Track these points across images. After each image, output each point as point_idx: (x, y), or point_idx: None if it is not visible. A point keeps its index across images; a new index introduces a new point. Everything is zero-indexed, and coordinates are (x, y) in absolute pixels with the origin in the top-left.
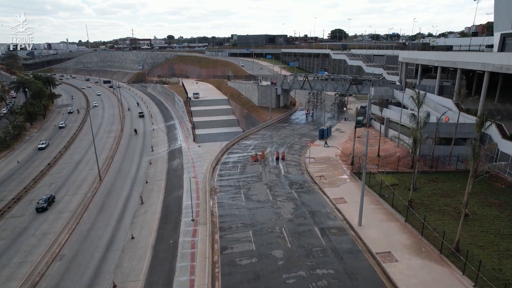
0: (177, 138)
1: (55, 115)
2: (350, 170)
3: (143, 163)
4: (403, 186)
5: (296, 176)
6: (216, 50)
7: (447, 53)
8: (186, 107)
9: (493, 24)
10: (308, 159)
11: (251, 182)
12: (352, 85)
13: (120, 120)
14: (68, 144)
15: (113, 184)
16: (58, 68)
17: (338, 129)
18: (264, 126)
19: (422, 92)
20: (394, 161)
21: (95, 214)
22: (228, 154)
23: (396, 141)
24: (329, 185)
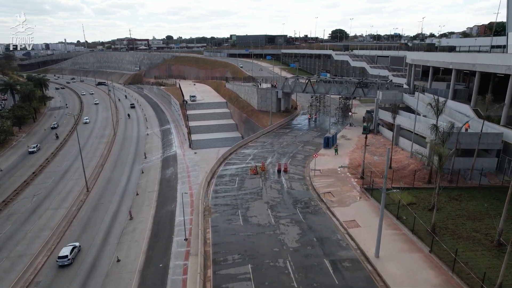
0: (172, 144)
1: (46, 118)
2: (360, 185)
3: (134, 171)
4: (422, 205)
5: (301, 192)
6: (214, 51)
7: (465, 55)
8: (182, 111)
9: (506, 24)
10: (313, 171)
11: (250, 200)
12: (358, 88)
13: (113, 124)
14: (57, 150)
15: (101, 196)
16: (54, 69)
17: (343, 136)
18: (264, 132)
19: (442, 99)
20: (408, 174)
21: (79, 231)
22: (224, 166)
23: (417, 156)
24: (338, 204)
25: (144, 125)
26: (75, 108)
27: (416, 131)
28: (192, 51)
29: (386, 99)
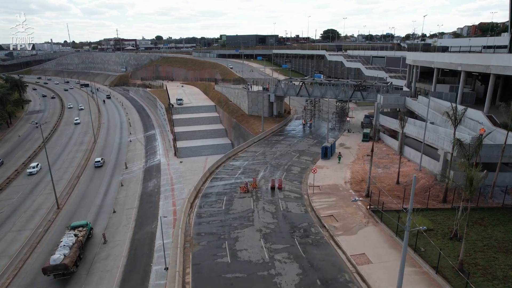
0: (156, 152)
1: (23, 122)
2: (366, 206)
3: (113, 184)
4: (441, 232)
5: (298, 216)
6: (203, 51)
7: (477, 55)
8: (168, 115)
9: (509, 24)
10: (311, 187)
11: (240, 227)
12: (356, 91)
13: (93, 130)
14: (29, 160)
15: (74, 214)
16: (37, 70)
17: (342, 143)
18: (255, 140)
19: (461, 107)
20: (418, 190)
21: (43, 259)
22: (211, 181)
23: (428, 169)
24: (343, 231)
25: (128, 130)
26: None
27: (426, 141)
28: (180, 51)
29: (388, 103)
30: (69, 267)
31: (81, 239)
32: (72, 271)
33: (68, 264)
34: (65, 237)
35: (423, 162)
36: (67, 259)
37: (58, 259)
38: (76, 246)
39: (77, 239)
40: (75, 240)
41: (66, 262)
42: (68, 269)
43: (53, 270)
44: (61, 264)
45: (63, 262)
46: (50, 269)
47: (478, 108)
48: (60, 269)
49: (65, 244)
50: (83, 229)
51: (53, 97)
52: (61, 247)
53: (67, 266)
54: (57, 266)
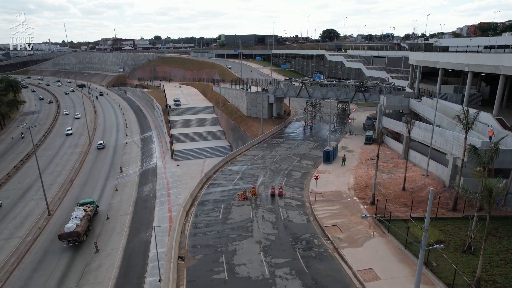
0: (153, 155)
1: (17, 124)
2: (372, 214)
3: (107, 189)
4: (453, 244)
5: (300, 225)
6: (202, 51)
7: (486, 55)
8: (165, 116)
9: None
10: (313, 194)
11: (238, 238)
12: (358, 92)
13: (88, 132)
14: (21, 163)
15: (66, 220)
16: (34, 70)
17: (344, 146)
18: (254, 143)
19: (473, 111)
20: (425, 197)
21: (30, 270)
22: (208, 187)
23: (435, 175)
24: (348, 243)
25: (124, 132)
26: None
27: (433, 145)
28: (178, 51)
29: (391, 105)
30: (81, 234)
31: (90, 213)
32: (83, 239)
33: (80, 231)
34: (76, 211)
35: (430, 167)
36: (79, 228)
37: (71, 227)
38: (86, 219)
39: (86, 213)
40: (84, 214)
41: (79, 230)
42: (80, 236)
43: (67, 237)
44: (74, 232)
45: (76, 230)
46: (64, 236)
47: (484, 110)
48: (73, 236)
49: (76, 216)
50: (91, 206)
51: (50, 101)
52: (73, 218)
53: (79, 233)
54: (71, 233)
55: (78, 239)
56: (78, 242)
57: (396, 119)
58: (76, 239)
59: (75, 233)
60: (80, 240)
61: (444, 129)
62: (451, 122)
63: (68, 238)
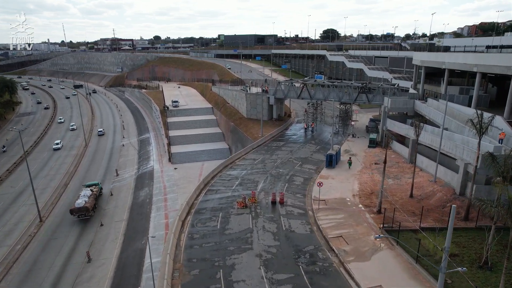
0: (150, 157)
1: (13, 125)
2: (379, 224)
3: (102, 193)
4: (467, 258)
5: (303, 236)
6: (201, 51)
7: (496, 55)
8: (163, 118)
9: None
10: (316, 201)
11: (237, 251)
12: (361, 93)
13: (84, 134)
14: (15, 166)
15: (57, 228)
16: (32, 70)
17: (347, 150)
18: (254, 146)
19: (486, 115)
20: (435, 205)
21: (18, 282)
22: (205, 194)
23: (444, 181)
24: (355, 257)
25: (121, 133)
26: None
27: (441, 149)
28: (177, 51)
29: (396, 107)
30: (89, 209)
31: (95, 192)
32: (91, 214)
33: (89, 207)
34: (83, 191)
35: (438, 172)
36: (88, 204)
37: (81, 203)
38: (93, 197)
39: (93, 193)
40: (91, 193)
41: (87, 205)
42: (88, 211)
43: (78, 211)
44: (84, 207)
45: (85, 205)
46: (75, 211)
47: (493, 112)
48: (83, 210)
49: (84, 195)
50: (96, 187)
51: (46, 107)
52: (82, 196)
53: (88, 208)
54: (81, 208)
55: (87, 214)
56: (87, 216)
57: (400, 121)
58: (85, 214)
59: (84, 208)
60: (88, 215)
61: (452, 132)
62: (460, 125)
63: (78, 213)
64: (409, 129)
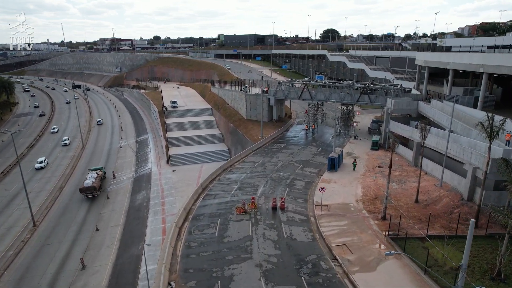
0: (148, 159)
1: (10, 125)
2: (384, 232)
3: (99, 196)
4: (479, 269)
5: (305, 245)
6: (200, 51)
7: (504, 56)
8: (161, 119)
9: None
10: (318, 206)
11: (235, 260)
12: (363, 94)
13: (81, 135)
14: (10, 168)
15: (51, 233)
16: (31, 70)
17: (349, 152)
18: (254, 149)
19: (498, 118)
20: (442, 211)
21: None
22: (204, 199)
23: (451, 185)
24: (360, 267)
25: (119, 135)
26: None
27: (448, 152)
28: (177, 51)
29: (399, 108)
30: (96, 188)
31: (101, 175)
32: (98, 193)
33: (96, 186)
34: (90, 174)
35: (445, 176)
36: (95, 183)
37: (89, 183)
38: (98, 179)
39: (98, 175)
40: (97, 176)
41: (95, 185)
42: (95, 190)
43: (86, 190)
44: (91, 186)
45: (92, 185)
46: (84, 189)
47: (499, 114)
48: (91, 189)
49: (91, 176)
50: (100, 171)
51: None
52: (89, 178)
53: (95, 187)
54: (89, 188)
55: (94, 193)
56: (94, 195)
57: (403, 123)
58: (92, 192)
59: (92, 187)
60: (95, 194)
61: (459, 135)
62: (466, 127)
63: (87, 191)
64: (413, 131)
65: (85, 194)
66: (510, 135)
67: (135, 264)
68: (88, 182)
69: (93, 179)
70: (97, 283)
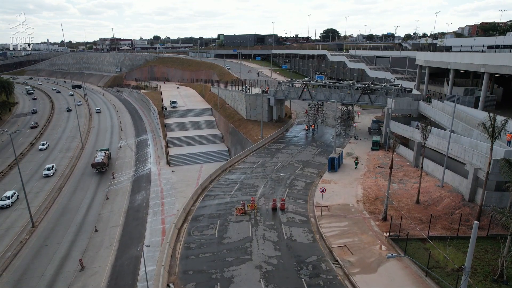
0: (147, 159)
1: (9, 126)
2: (385, 233)
3: (98, 197)
4: (481, 271)
5: (305, 246)
6: (200, 51)
7: (506, 55)
8: (161, 119)
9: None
10: (318, 207)
11: (235, 262)
12: (363, 94)
13: (80, 135)
14: (9, 169)
15: (50, 233)
16: (31, 70)
17: (349, 153)
18: (254, 149)
19: (500, 119)
20: (443, 212)
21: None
22: (203, 200)
23: (452, 186)
24: (360, 269)
25: (118, 135)
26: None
27: (449, 153)
28: (177, 51)
29: (399, 108)
30: (105, 164)
31: (108, 154)
32: (106, 169)
33: (105, 162)
34: (99, 153)
35: (446, 177)
36: (104, 160)
37: (100, 159)
38: (106, 157)
39: (105, 154)
40: (104, 154)
41: (104, 161)
42: (104, 165)
43: (97, 166)
44: (101, 162)
45: (102, 161)
46: (95, 165)
47: (500, 114)
48: (101, 165)
49: (100, 154)
50: (107, 151)
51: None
52: (99, 155)
53: (104, 163)
54: (99, 163)
55: (103, 168)
56: (103, 170)
57: (404, 123)
58: (102, 167)
59: (102, 163)
60: (104, 169)
61: (460, 135)
62: (467, 127)
63: (98, 167)
64: (413, 131)
65: (96, 168)
66: (510, 135)
67: (134, 265)
68: (99, 158)
69: (102, 156)
70: (96, 284)
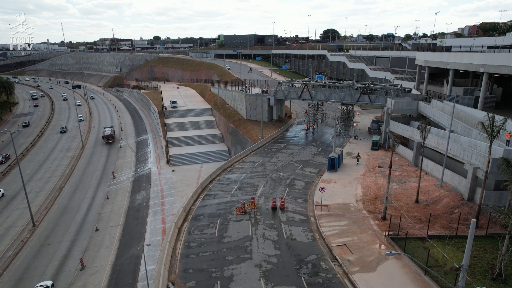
0: (147, 159)
1: (9, 126)
2: (384, 232)
3: (98, 197)
4: (479, 269)
5: (305, 245)
6: (200, 51)
7: (505, 55)
8: (161, 119)
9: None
10: (318, 207)
11: (235, 261)
12: (363, 94)
13: (81, 135)
14: (9, 169)
15: (51, 233)
16: (31, 71)
17: (349, 152)
18: (254, 149)
19: (498, 118)
20: (442, 211)
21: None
22: (203, 199)
23: (451, 185)
24: (360, 267)
25: (119, 135)
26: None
27: (448, 152)
28: (177, 51)
29: (399, 108)
30: (113, 136)
31: (113, 129)
32: (113, 141)
33: (112, 134)
34: (106, 128)
35: (445, 176)
36: (111, 133)
37: (108, 132)
38: (112, 131)
39: (112, 129)
40: (111, 129)
41: (112, 134)
42: (112, 137)
43: (107, 137)
44: (110, 135)
45: (110, 133)
46: (105, 137)
47: (500, 114)
48: (109, 137)
49: (108, 129)
50: (112, 128)
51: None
52: (107, 130)
53: (112, 136)
54: (108, 136)
55: (111, 139)
56: (111, 141)
57: (403, 123)
58: (110, 139)
59: (110, 136)
60: (112, 140)
61: (459, 135)
62: (466, 127)
63: (107, 138)
64: (413, 131)
65: (105, 140)
66: (510, 135)
67: (135, 264)
68: (108, 131)
69: (110, 130)
70: (97, 283)
